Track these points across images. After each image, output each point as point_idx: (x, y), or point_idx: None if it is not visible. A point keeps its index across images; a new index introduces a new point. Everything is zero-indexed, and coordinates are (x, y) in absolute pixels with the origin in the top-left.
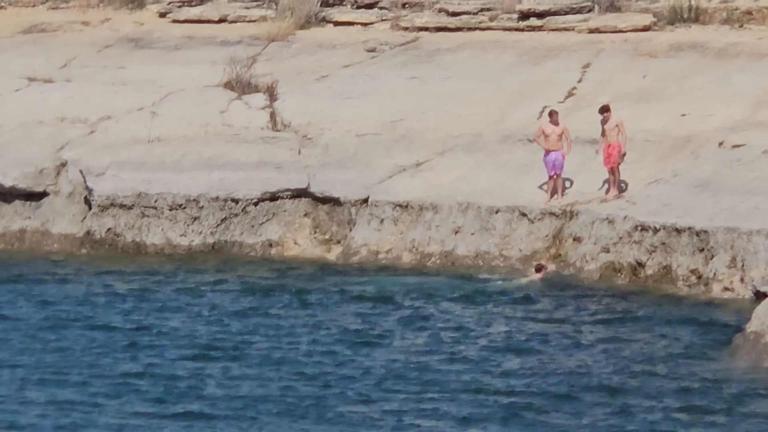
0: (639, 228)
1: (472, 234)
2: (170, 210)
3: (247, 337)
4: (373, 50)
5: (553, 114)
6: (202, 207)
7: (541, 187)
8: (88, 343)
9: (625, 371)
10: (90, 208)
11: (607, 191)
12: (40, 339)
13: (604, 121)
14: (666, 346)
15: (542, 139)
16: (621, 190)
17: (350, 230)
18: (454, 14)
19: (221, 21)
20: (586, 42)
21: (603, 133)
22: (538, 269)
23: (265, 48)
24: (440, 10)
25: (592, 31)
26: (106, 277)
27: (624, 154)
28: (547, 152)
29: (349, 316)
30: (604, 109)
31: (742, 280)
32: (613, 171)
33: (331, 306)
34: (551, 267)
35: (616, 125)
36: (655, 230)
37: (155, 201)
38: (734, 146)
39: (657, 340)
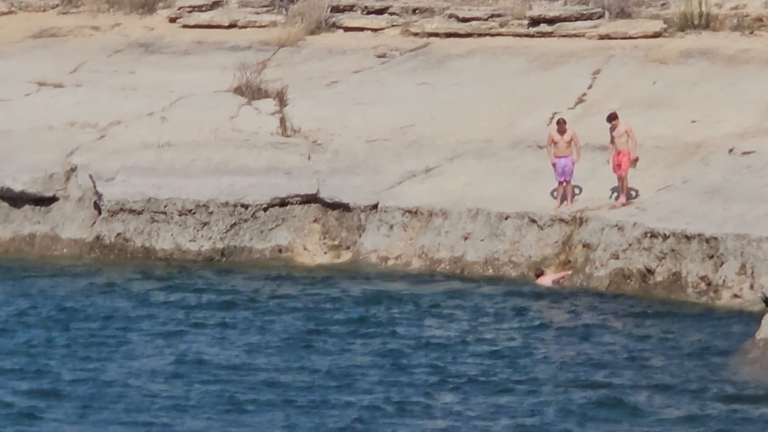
0: (649, 234)
1: (482, 240)
2: (180, 215)
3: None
4: (383, 56)
5: (560, 122)
6: (211, 212)
7: (551, 193)
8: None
9: (633, 378)
10: (99, 213)
11: (617, 198)
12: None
13: (612, 129)
14: (675, 354)
15: (552, 146)
16: (630, 197)
17: (360, 236)
18: (465, 20)
19: (231, 26)
20: (596, 48)
21: (612, 141)
22: (538, 275)
23: (275, 53)
24: (450, 16)
25: (602, 37)
26: (113, 282)
27: (636, 159)
28: (557, 159)
29: (356, 320)
30: (612, 117)
31: (751, 287)
32: (623, 177)
33: (338, 311)
34: (559, 274)
35: (625, 131)
36: (665, 237)
37: (165, 206)
38: (744, 153)
39: (666, 348)
